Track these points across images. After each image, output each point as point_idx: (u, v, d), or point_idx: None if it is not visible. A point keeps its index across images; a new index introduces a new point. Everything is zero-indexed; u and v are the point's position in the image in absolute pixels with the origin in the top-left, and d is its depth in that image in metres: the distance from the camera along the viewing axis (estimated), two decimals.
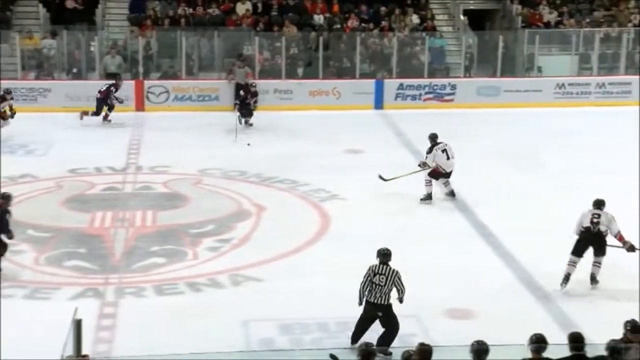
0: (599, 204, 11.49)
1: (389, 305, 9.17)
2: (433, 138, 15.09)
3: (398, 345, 8.57)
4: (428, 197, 14.90)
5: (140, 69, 22.97)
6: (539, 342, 7.27)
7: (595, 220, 11.34)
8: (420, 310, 10.06)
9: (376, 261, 9.34)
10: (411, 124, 20.55)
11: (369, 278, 9.21)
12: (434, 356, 7.00)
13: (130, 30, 24.18)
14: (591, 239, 11.33)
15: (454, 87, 23.18)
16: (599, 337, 7.50)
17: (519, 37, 24.69)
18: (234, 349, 8.96)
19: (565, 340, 7.60)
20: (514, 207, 14.52)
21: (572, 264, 11.31)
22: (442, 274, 11.44)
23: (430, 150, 14.93)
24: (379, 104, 22.70)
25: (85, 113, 20.47)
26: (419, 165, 15.15)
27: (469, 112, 21.97)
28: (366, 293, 9.22)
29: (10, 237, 11.54)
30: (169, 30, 23.94)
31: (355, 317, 9.25)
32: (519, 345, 7.39)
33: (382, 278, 9.16)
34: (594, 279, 11.40)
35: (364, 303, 9.24)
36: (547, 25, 25.42)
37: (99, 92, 20.56)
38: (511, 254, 12.38)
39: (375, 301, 9.14)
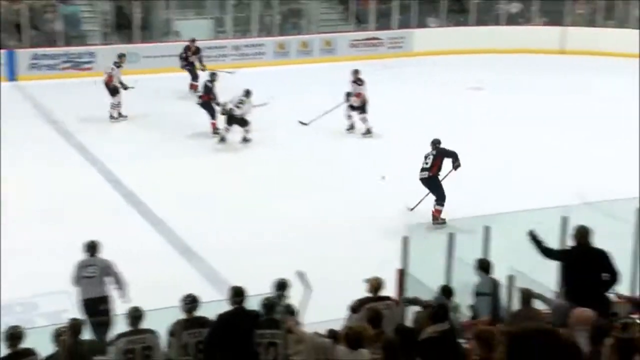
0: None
1: (105, 297, 8.75)
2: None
3: (49, 324, 8.24)
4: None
5: None
6: (191, 302, 7.37)
7: (239, 105, 15.86)
8: (70, 285, 9.78)
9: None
10: (50, 95, 19.74)
11: (78, 273, 8.77)
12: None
13: None
14: (232, 120, 15.95)
15: (92, 54, 22.60)
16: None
17: (155, 2, 24.64)
18: None
19: (217, 298, 7.79)
20: (160, 173, 14.61)
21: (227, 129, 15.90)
22: None
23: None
24: (11, 75, 21.52)
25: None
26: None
27: None
28: (80, 292, 8.71)
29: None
30: None
31: None
32: (172, 307, 7.44)
33: (93, 269, 8.75)
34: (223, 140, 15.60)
35: (81, 304, 8.67)
36: None
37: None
38: (162, 220, 12.43)
39: (89, 296, 8.66)
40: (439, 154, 12.56)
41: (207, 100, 16.93)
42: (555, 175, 14.41)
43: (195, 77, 20.14)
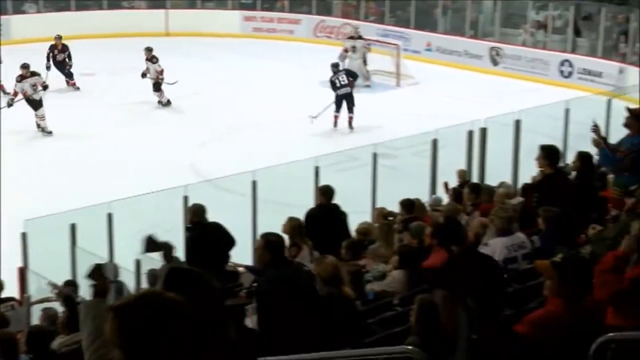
0: None
1: None
2: None
3: None
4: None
5: None
6: None
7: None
8: None
9: None
10: None
11: None
12: None
13: None
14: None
15: None
16: None
17: None
18: None
19: None
20: None
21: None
22: None
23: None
24: None
25: None
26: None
27: None
28: None
29: None
30: None
31: None
32: None
33: None
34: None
35: None
36: None
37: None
38: None
39: None
40: (348, 73, 16.81)
41: None
42: (171, 156, 14.59)
43: (69, 75, 19.20)
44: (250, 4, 25.89)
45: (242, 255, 8.47)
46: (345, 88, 16.34)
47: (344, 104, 16.32)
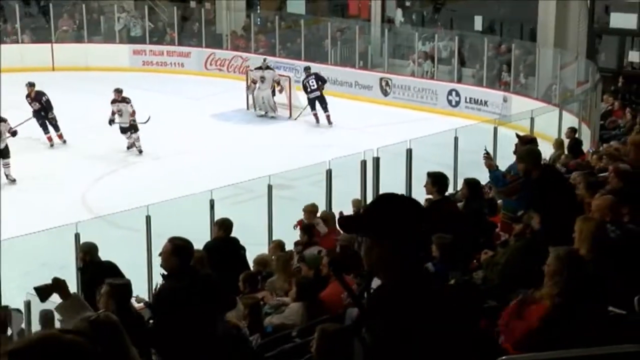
0: None
1: None
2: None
3: None
4: None
5: None
6: None
7: None
8: None
9: None
10: None
11: None
12: None
13: None
14: None
15: None
16: None
17: None
18: None
19: None
20: None
21: None
22: None
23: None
24: None
25: None
26: None
27: None
28: None
29: None
30: None
31: None
32: None
33: None
34: None
35: None
36: None
37: None
38: None
39: None
40: (317, 77, 18.76)
41: None
42: (65, 192, 14.27)
43: (55, 126, 17.45)
44: (139, 38, 25.64)
45: (138, 291, 8.32)
46: (314, 92, 18.62)
47: (318, 105, 18.56)
